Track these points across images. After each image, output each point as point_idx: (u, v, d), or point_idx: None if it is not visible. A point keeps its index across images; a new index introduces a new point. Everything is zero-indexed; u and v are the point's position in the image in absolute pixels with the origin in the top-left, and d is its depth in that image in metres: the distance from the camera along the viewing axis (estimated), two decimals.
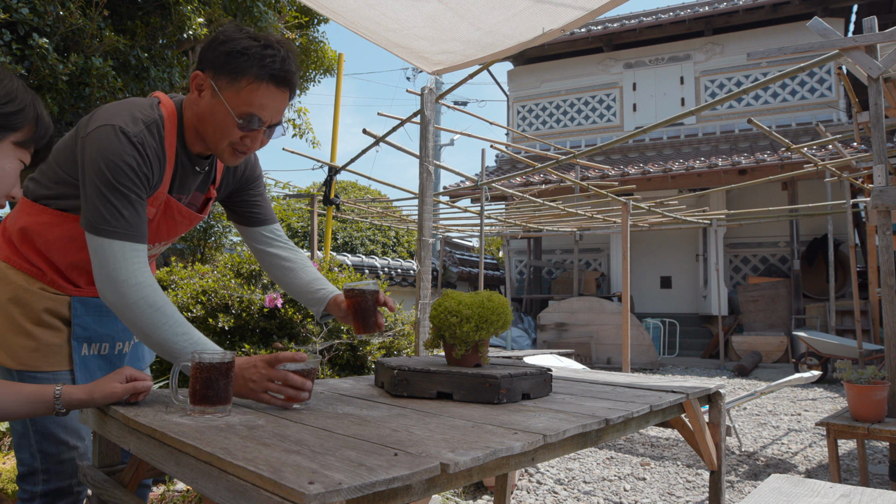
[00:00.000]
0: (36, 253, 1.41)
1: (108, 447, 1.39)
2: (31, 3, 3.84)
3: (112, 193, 1.26)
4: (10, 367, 1.39)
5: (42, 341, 1.40)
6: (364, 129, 4.69)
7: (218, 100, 1.32)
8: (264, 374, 1.26)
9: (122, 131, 1.27)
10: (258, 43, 1.30)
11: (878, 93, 3.09)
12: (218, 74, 1.31)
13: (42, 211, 1.39)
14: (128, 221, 1.27)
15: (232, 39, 1.30)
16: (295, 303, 3.30)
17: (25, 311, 1.38)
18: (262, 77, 1.30)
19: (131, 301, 1.25)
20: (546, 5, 2.44)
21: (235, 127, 1.33)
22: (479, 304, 1.52)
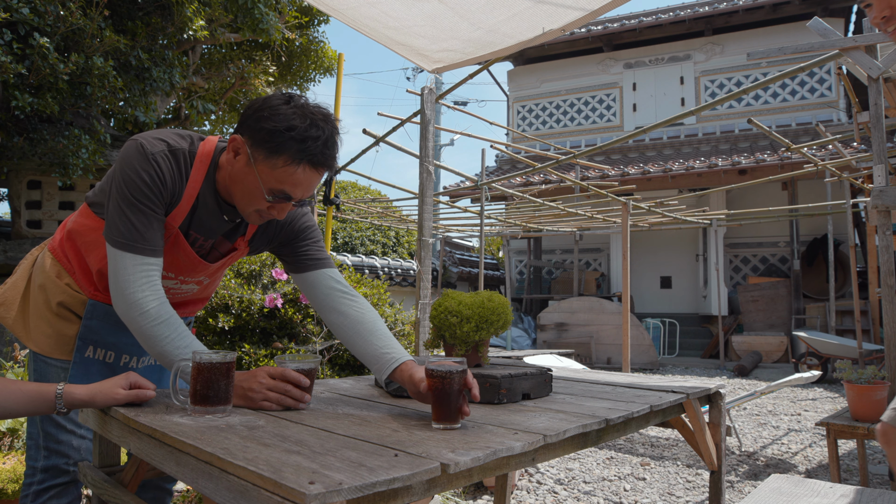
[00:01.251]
0: (74, 251, 1.48)
1: (108, 447, 1.39)
2: (32, 3, 3.84)
3: (127, 206, 1.28)
4: (28, 347, 1.49)
5: (56, 329, 1.48)
6: (364, 129, 4.69)
7: (251, 169, 1.29)
8: (263, 383, 1.26)
9: (142, 146, 1.29)
10: (303, 123, 1.26)
11: (878, 93, 3.09)
12: (256, 146, 1.28)
13: (89, 215, 1.46)
14: (141, 235, 1.28)
15: (276, 115, 1.25)
16: (295, 303, 3.30)
17: (46, 298, 1.48)
18: (300, 160, 1.27)
19: (136, 313, 1.27)
20: (546, 6, 2.44)
21: (264, 199, 1.31)
22: (479, 304, 1.52)
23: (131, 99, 4.85)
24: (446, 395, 1.14)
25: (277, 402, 1.26)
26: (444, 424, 1.14)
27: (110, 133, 5.36)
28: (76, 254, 1.48)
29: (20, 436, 2.72)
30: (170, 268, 1.46)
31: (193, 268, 1.49)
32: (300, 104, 1.29)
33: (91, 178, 5.18)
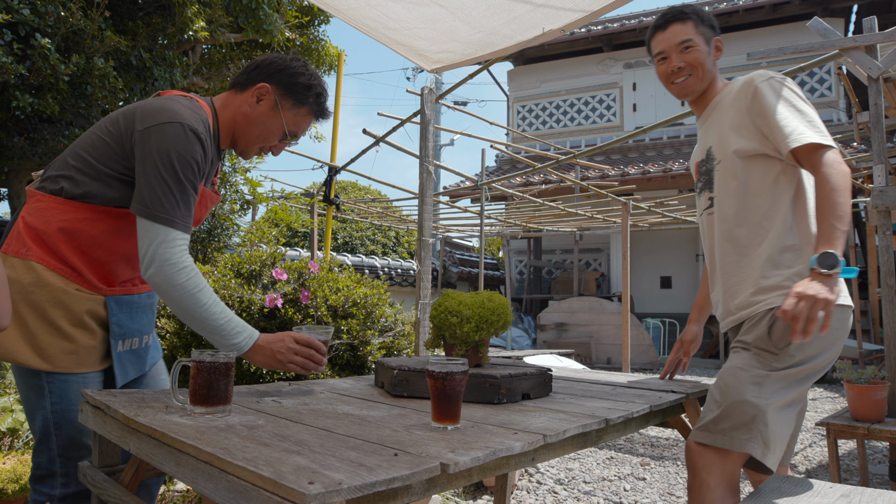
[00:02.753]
0: (74, 249, 1.42)
1: (108, 447, 1.39)
2: (33, 4, 3.84)
3: (177, 184, 1.37)
4: (41, 370, 1.39)
5: (80, 343, 1.43)
6: (364, 129, 4.69)
7: (276, 113, 1.56)
8: (291, 347, 1.44)
9: (191, 129, 1.39)
10: (319, 82, 1.60)
11: (878, 93, 3.09)
12: (285, 95, 1.56)
13: (81, 207, 1.42)
14: (182, 212, 1.38)
15: (307, 74, 1.58)
16: (295, 303, 3.30)
17: (67, 313, 1.41)
18: (314, 111, 1.61)
19: (177, 282, 1.35)
20: (546, 9, 2.44)
21: (278, 137, 1.60)
22: (479, 304, 1.52)
23: (132, 99, 4.85)
24: (446, 395, 1.14)
25: (301, 366, 1.44)
26: (444, 424, 1.14)
27: None
28: (78, 254, 1.43)
29: (20, 436, 2.72)
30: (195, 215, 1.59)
31: (209, 210, 1.65)
32: (312, 68, 1.61)
33: None
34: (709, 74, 1.74)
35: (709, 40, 1.74)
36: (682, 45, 1.72)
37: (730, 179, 1.69)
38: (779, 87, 1.62)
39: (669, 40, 1.74)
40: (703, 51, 1.72)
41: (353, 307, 3.41)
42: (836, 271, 1.42)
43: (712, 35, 1.76)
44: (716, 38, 1.76)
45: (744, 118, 1.65)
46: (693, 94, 1.78)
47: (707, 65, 1.73)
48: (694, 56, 1.72)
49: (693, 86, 1.75)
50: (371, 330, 3.44)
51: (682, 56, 1.73)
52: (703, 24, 1.74)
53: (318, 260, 3.87)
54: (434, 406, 1.16)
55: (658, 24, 1.77)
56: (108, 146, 1.42)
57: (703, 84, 1.75)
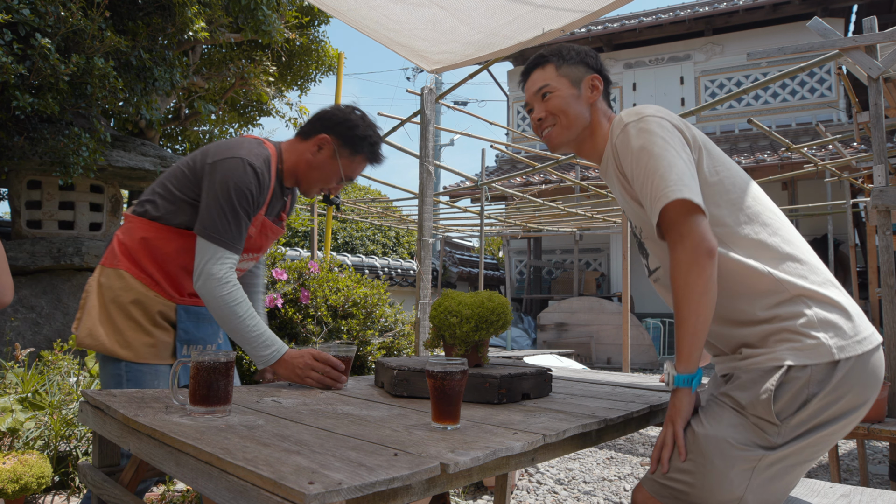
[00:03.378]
0: (152, 262, 1.71)
1: (108, 447, 1.40)
2: (33, 4, 3.84)
3: (231, 212, 1.59)
4: (125, 359, 1.66)
5: (158, 339, 1.70)
6: None
7: (334, 160, 1.76)
8: (309, 363, 1.58)
9: (249, 164, 1.62)
10: (374, 133, 1.79)
11: (878, 93, 3.09)
12: (343, 145, 1.75)
13: (160, 228, 1.70)
14: (233, 236, 1.60)
15: (361, 126, 1.76)
16: (295, 303, 3.30)
17: (145, 312, 1.69)
18: (369, 159, 1.81)
19: (218, 295, 1.56)
20: (546, 9, 2.44)
21: (336, 181, 1.79)
22: (478, 304, 1.52)
23: (132, 98, 4.85)
24: (446, 395, 1.14)
25: (319, 381, 1.57)
26: (444, 424, 1.14)
27: (110, 133, 5.36)
28: (154, 264, 1.71)
29: (20, 436, 2.72)
30: (251, 249, 1.81)
31: (273, 238, 1.87)
32: (368, 119, 1.80)
33: (91, 178, 5.18)
34: (579, 120, 1.49)
35: (577, 81, 1.50)
36: (540, 92, 1.51)
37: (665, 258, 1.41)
38: (634, 134, 1.35)
39: (529, 89, 1.55)
40: (567, 95, 1.49)
41: (353, 307, 3.41)
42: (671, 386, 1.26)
43: (584, 74, 1.51)
44: (590, 77, 1.51)
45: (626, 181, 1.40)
46: (566, 145, 1.54)
47: (574, 110, 1.48)
48: (554, 103, 1.49)
49: (559, 136, 1.51)
50: (371, 330, 3.44)
51: (542, 105, 1.51)
52: (569, 63, 1.51)
53: (318, 260, 3.87)
54: (434, 406, 1.16)
55: (521, 74, 1.59)
56: (186, 176, 1.68)
57: (572, 132, 1.50)
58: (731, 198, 1.34)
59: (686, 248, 1.22)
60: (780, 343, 1.24)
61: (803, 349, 1.21)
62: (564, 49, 1.54)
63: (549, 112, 1.50)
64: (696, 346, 1.22)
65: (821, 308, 1.24)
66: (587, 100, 1.50)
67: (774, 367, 1.22)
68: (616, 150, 1.39)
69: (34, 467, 2.42)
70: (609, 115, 1.54)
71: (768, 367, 1.23)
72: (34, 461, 2.45)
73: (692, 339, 1.22)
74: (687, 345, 1.23)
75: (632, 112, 1.39)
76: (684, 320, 1.22)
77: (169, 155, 5.61)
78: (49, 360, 3.37)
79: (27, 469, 2.39)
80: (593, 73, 1.52)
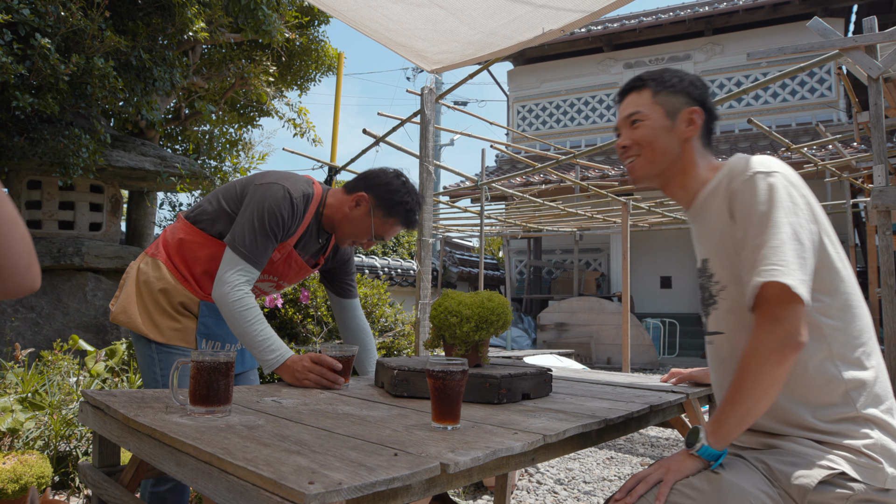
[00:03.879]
0: (182, 260, 1.85)
1: (108, 447, 1.39)
2: (33, 4, 3.84)
3: (261, 229, 1.71)
4: (154, 340, 1.81)
5: (184, 324, 1.85)
6: (364, 129, 4.69)
7: (369, 218, 1.83)
8: (305, 366, 1.63)
9: (288, 192, 1.75)
10: (412, 199, 1.85)
11: (878, 93, 3.09)
12: (378, 206, 1.82)
13: (198, 233, 1.85)
14: (257, 251, 1.71)
15: (399, 192, 1.83)
16: (295, 303, 3.30)
17: (169, 301, 1.83)
18: (402, 223, 1.87)
19: (228, 300, 1.65)
20: (547, 9, 2.44)
21: (367, 238, 1.86)
22: (478, 304, 1.52)
23: (132, 98, 4.85)
24: (446, 395, 1.14)
25: (316, 382, 1.61)
26: (444, 424, 1.14)
27: (110, 133, 5.36)
28: (186, 265, 1.85)
29: (20, 436, 2.72)
30: (273, 273, 1.91)
31: (297, 274, 1.97)
32: (410, 185, 1.87)
33: (91, 178, 5.18)
34: (666, 156, 1.35)
35: (673, 112, 1.35)
36: (630, 118, 1.39)
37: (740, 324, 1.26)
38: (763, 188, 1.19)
39: (621, 113, 1.42)
40: (658, 126, 1.35)
41: None
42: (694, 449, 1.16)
43: (683, 105, 1.35)
44: (689, 110, 1.35)
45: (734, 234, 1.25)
46: (648, 180, 1.41)
47: (661, 144, 1.34)
48: (641, 133, 1.36)
49: (641, 169, 1.39)
50: (371, 330, 3.44)
51: (629, 132, 1.39)
52: (668, 90, 1.36)
53: None
54: (434, 406, 1.16)
55: (617, 94, 1.47)
56: (236, 191, 1.82)
57: (656, 167, 1.37)
58: (841, 288, 1.22)
59: (775, 335, 1.11)
60: (838, 450, 1.17)
61: (861, 465, 1.15)
62: (667, 75, 1.39)
63: (635, 141, 1.38)
64: (739, 430, 1.16)
65: (884, 434, 1.19)
66: (681, 134, 1.35)
67: (828, 466, 1.14)
68: (733, 192, 1.24)
69: (34, 467, 2.42)
70: (708, 157, 1.38)
71: (821, 463, 1.15)
72: (34, 461, 2.45)
73: (739, 422, 1.15)
74: (732, 426, 1.15)
75: (762, 161, 1.24)
76: (740, 402, 1.13)
77: (169, 155, 5.61)
78: (49, 360, 3.37)
79: (27, 469, 2.39)
80: (694, 106, 1.36)
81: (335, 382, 1.62)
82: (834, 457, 1.16)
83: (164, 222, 5.99)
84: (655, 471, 1.18)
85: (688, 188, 1.38)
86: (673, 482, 1.15)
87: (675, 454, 1.21)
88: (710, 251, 1.33)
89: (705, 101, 1.37)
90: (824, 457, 1.16)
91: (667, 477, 1.15)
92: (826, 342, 1.20)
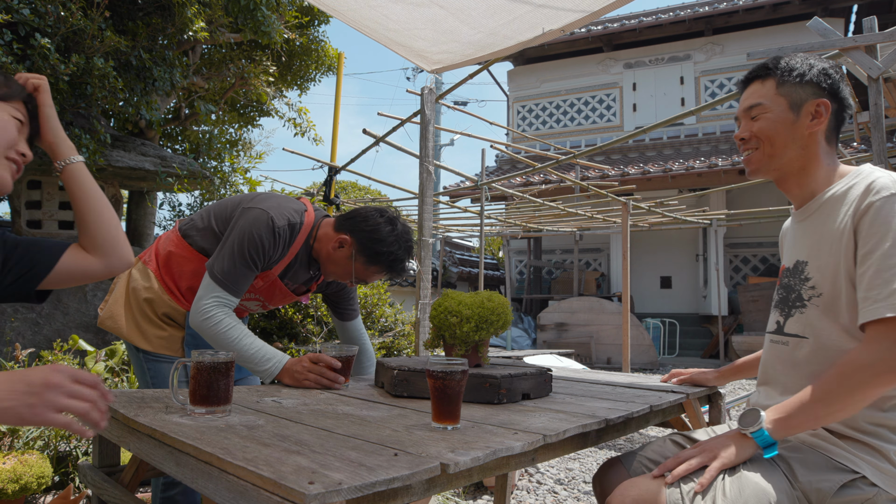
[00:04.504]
0: (169, 272, 1.83)
1: (108, 447, 1.39)
2: (33, 4, 3.84)
3: (240, 256, 1.66)
4: (142, 348, 1.79)
5: (170, 332, 1.83)
6: (364, 129, 4.69)
7: (350, 262, 1.76)
8: (305, 366, 1.61)
9: (272, 220, 1.68)
10: (399, 248, 1.75)
11: (878, 93, 3.09)
12: (360, 252, 1.73)
13: (186, 247, 1.82)
14: (235, 279, 1.66)
15: (384, 241, 1.73)
16: (295, 303, 3.30)
17: (153, 310, 1.81)
18: (386, 271, 1.78)
19: (208, 326, 1.62)
20: (547, 9, 2.44)
21: (348, 280, 1.80)
22: (478, 304, 1.52)
23: (132, 98, 4.85)
24: (446, 395, 1.14)
25: (316, 382, 1.59)
26: (444, 424, 1.14)
27: (110, 133, 5.36)
28: (173, 278, 1.83)
29: (20, 436, 2.72)
30: (261, 293, 1.87)
31: (282, 299, 1.92)
32: (400, 232, 1.76)
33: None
34: (786, 151, 1.30)
35: (797, 104, 1.29)
36: (750, 110, 1.34)
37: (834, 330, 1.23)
38: None
39: (742, 102, 1.37)
40: (780, 119, 1.29)
41: None
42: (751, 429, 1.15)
43: (809, 96, 1.28)
44: (816, 101, 1.28)
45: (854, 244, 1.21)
46: (766, 174, 1.35)
47: (782, 138, 1.29)
48: (760, 126, 1.31)
49: (758, 163, 1.34)
50: (371, 330, 3.43)
51: (749, 124, 1.34)
52: (794, 81, 1.29)
53: None
54: (434, 406, 1.16)
55: (741, 82, 1.41)
56: (227, 210, 1.79)
57: (774, 162, 1.32)
58: None
59: (889, 359, 1.09)
60: (863, 451, 1.17)
61: (884, 472, 1.15)
62: (796, 62, 1.31)
63: (753, 134, 1.32)
64: (805, 428, 1.16)
65: None
66: (805, 129, 1.28)
67: (850, 470, 1.15)
68: (867, 208, 1.17)
69: (34, 467, 2.42)
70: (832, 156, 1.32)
71: (842, 466, 1.16)
72: (34, 461, 2.45)
73: (811, 422, 1.14)
74: (802, 422, 1.14)
75: None
76: (825, 404, 1.12)
77: (169, 155, 5.61)
78: (49, 360, 3.37)
79: (27, 469, 2.39)
80: (821, 98, 1.28)
81: (335, 382, 1.61)
82: (857, 459, 1.15)
83: (165, 222, 6.00)
84: (700, 454, 1.16)
85: (805, 186, 1.32)
86: (720, 470, 1.13)
87: (722, 436, 1.18)
88: (814, 255, 1.28)
89: (837, 92, 1.29)
90: (847, 459, 1.16)
91: (714, 463, 1.13)
92: None
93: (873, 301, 1.12)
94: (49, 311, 4.85)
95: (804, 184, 1.32)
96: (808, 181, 1.31)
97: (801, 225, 1.35)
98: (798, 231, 1.36)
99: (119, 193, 5.62)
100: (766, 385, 1.39)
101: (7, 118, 1.14)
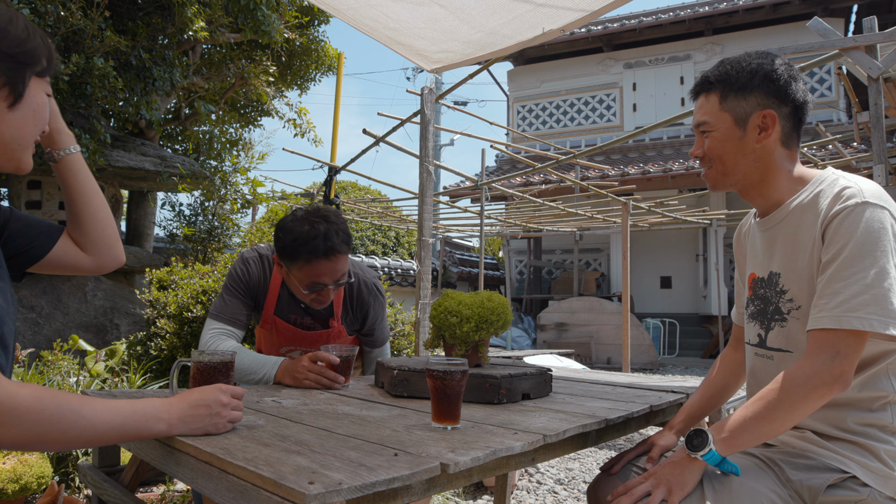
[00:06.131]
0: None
1: (108, 447, 1.39)
2: (32, 4, 3.84)
3: (226, 290, 1.84)
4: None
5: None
6: (364, 129, 4.69)
7: (289, 277, 1.75)
8: (304, 366, 1.61)
9: (246, 254, 1.87)
10: (303, 228, 1.65)
11: (878, 93, 3.09)
12: (283, 258, 1.72)
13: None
14: (221, 308, 1.80)
15: (291, 231, 1.66)
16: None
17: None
18: (311, 258, 1.65)
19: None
20: (547, 8, 2.44)
21: (306, 291, 1.71)
22: (478, 304, 1.52)
23: (132, 98, 4.85)
24: (446, 395, 1.14)
25: (315, 381, 1.59)
26: (444, 424, 1.14)
27: (110, 133, 5.36)
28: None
29: None
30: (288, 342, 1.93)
31: (301, 339, 1.92)
32: (300, 215, 1.69)
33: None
34: (738, 167, 1.25)
35: (742, 119, 1.23)
36: (699, 127, 1.29)
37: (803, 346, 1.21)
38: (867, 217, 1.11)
39: (693, 118, 1.33)
40: (726, 137, 1.24)
41: None
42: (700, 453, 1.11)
43: (754, 108, 1.23)
44: (761, 113, 1.22)
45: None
46: (722, 189, 1.32)
47: (732, 157, 1.25)
48: (710, 145, 1.27)
49: (714, 181, 1.30)
50: None
51: (700, 140, 1.30)
52: (736, 93, 1.24)
53: None
54: (434, 406, 1.16)
55: (691, 94, 1.36)
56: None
57: (729, 179, 1.28)
58: None
59: (831, 370, 1.07)
60: (852, 451, 1.15)
61: (874, 471, 1.14)
62: (735, 73, 1.24)
63: (705, 153, 1.28)
64: (752, 444, 1.14)
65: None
66: (754, 142, 1.23)
67: (839, 470, 1.14)
68: (829, 215, 1.15)
69: (34, 467, 2.42)
70: (793, 162, 1.26)
71: (831, 466, 1.15)
72: (34, 461, 2.45)
73: (757, 438, 1.13)
74: (748, 439, 1.12)
75: (873, 191, 1.14)
76: (768, 421, 1.10)
77: (169, 155, 5.61)
78: (49, 360, 3.37)
79: (27, 469, 2.39)
80: (767, 109, 1.22)
81: (335, 381, 1.60)
82: (847, 460, 1.15)
83: (165, 222, 6.00)
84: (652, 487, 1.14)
85: (768, 197, 1.28)
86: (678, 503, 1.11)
87: (670, 463, 1.16)
88: (787, 267, 1.25)
89: (787, 94, 1.22)
90: (837, 459, 1.15)
91: (671, 498, 1.11)
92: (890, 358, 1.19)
93: (819, 310, 1.11)
94: (49, 311, 4.85)
95: (766, 194, 1.28)
96: (770, 191, 1.27)
97: (767, 234, 1.31)
98: (765, 240, 1.32)
99: (119, 193, 5.62)
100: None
101: (45, 99, 1.09)
